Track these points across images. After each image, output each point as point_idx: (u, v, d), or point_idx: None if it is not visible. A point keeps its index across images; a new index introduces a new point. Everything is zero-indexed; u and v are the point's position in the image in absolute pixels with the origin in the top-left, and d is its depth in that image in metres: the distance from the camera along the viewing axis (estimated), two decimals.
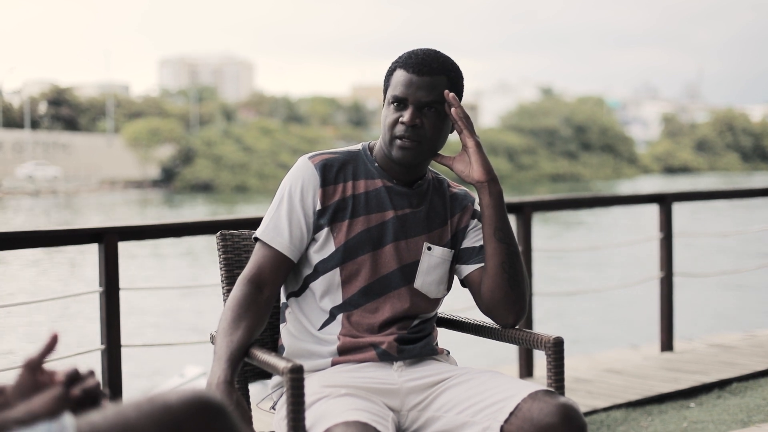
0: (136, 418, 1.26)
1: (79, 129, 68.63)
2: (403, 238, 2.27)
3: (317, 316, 2.27)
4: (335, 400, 2.05)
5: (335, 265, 2.24)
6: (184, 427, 1.28)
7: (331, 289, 2.25)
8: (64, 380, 1.31)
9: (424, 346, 2.28)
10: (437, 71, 2.23)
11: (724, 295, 16.23)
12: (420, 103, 2.21)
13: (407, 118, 2.20)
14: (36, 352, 1.33)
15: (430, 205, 2.33)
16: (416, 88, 2.21)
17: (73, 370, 1.33)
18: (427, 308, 2.32)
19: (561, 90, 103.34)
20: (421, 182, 2.33)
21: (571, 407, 2.01)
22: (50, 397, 1.27)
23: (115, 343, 3.89)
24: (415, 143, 2.22)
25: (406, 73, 2.23)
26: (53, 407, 1.26)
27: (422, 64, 2.22)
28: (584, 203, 7.06)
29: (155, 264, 22.01)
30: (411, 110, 2.21)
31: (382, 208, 2.27)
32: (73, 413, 1.26)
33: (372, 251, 2.25)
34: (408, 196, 2.30)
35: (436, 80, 2.22)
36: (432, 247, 2.30)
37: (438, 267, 2.30)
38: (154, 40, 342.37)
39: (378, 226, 2.26)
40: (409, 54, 2.26)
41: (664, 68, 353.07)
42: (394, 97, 2.23)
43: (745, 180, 71.02)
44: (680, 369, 5.14)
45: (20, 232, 3.95)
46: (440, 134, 2.25)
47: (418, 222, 2.29)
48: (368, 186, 2.28)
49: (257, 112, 78.70)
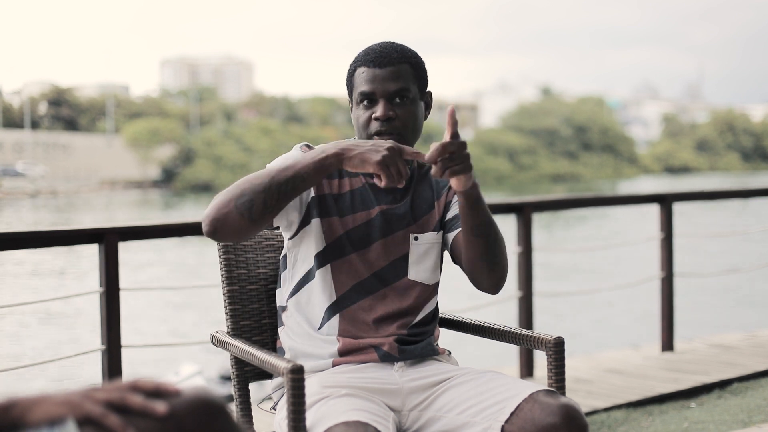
0: (137, 416, 1.26)
1: (79, 129, 68.68)
2: (390, 234, 2.27)
3: (315, 315, 2.27)
4: (336, 400, 2.04)
5: (327, 261, 2.24)
6: (186, 425, 1.28)
7: (325, 288, 2.25)
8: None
9: (425, 346, 2.28)
10: (398, 60, 2.23)
11: (724, 295, 16.23)
12: (389, 95, 2.21)
13: (380, 112, 2.20)
14: (153, 382, 1.32)
15: (415, 195, 2.32)
16: (381, 80, 2.21)
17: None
18: (428, 295, 2.31)
19: (561, 90, 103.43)
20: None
21: (572, 407, 2.01)
22: (57, 402, 1.26)
23: (115, 343, 3.89)
24: (394, 136, 2.21)
25: (368, 68, 2.23)
26: (58, 413, 1.26)
27: (382, 56, 2.22)
28: (584, 203, 7.06)
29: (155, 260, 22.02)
30: (382, 103, 2.21)
31: (367, 206, 2.27)
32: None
33: (360, 249, 2.25)
34: (391, 190, 2.30)
35: (399, 69, 2.22)
36: (418, 236, 2.29)
37: (428, 253, 2.30)
38: (154, 40, 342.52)
39: (364, 224, 2.26)
40: (366, 50, 2.26)
41: (665, 68, 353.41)
42: (361, 95, 2.23)
43: (746, 180, 70.98)
44: (681, 369, 5.14)
45: (20, 232, 3.95)
46: (415, 121, 2.25)
47: (403, 215, 2.29)
48: (352, 184, 2.28)
49: (257, 113, 78.78)
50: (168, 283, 18.89)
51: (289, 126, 73.16)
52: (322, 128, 75.07)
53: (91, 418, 1.25)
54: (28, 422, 1.25)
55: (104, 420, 1.25)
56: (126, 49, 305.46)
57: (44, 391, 1.28)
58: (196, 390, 1.32)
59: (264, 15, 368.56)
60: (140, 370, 11.51)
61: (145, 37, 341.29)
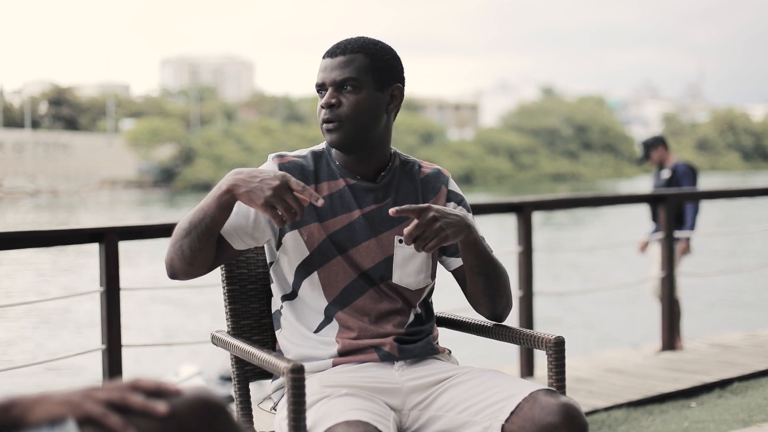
0: (138, 416, 1.26)
1: (79, 129, 68.68)
2: (374, 235, 2.25)
3: (311, 318, 2.26)
4: (336, 399, 2.04)
5: (313, 269, 2.23)
6: (186, 424, 1.28)
7: (315, 292, 2.25)
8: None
9: (425, 345, 2.28)
10: (351, 50, 2.23)
11: (725, 295, 16.24)
12: (335, 83, 2.22)
13: (324, 99, 2.22)
14: (152, 381, 1.32)
15: (397, 194, 2.30)
16: (330, 69, 2.23)
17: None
18: (413, 299, 2.30)
19: (562, 90, 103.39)
20: (384, 173, 2.30)
21: (572, 407, 2.01)
22: (57, 401, 1.26)
23: (116, 343, 3.89)
24: (336, 123, 2.21)
25: (323, 59, 2.26)
26: (58, 413, 1.26)
27: (336, 47, 2.25)
28: (584, 203, 7.06)
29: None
30: (329, 91, 2.22)
31: (348, 209, 2.25)
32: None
33: (344, 252, 2.23)
34: (372, 191, 2.28)
35: (349, 58, 2.22)
36: (403, 239, 2.27)
37: (413, 257, 2.28)
38: (154, 40, 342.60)
39: (346, 227, 2.24)
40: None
41: (665, 68, 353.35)
42: (316, 86, 2.26)
43: (746, 179, 70.99)
44: (681, 369, 5.14)
45: (20, 232, 3.95)
46: (362, 109, 2.22)
47: (386, 216, 2.26)
48: (331, 188, 2.26)
49: (258, 112, 78.76)
50: (168, 282, 18.87)
51: (290, 125, 73.13)
52: None
53: (91, 418, 1.25)
54: (29, 422, 1.24)
55: (105, 420, 1.24)
56: (126, 49, 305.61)
57: (44, 391, 1.28)
58: (197, 390, 1.32)
59: (264, 15, 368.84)
60: (140, 369, 11.52)
61: (145, 37, 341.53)
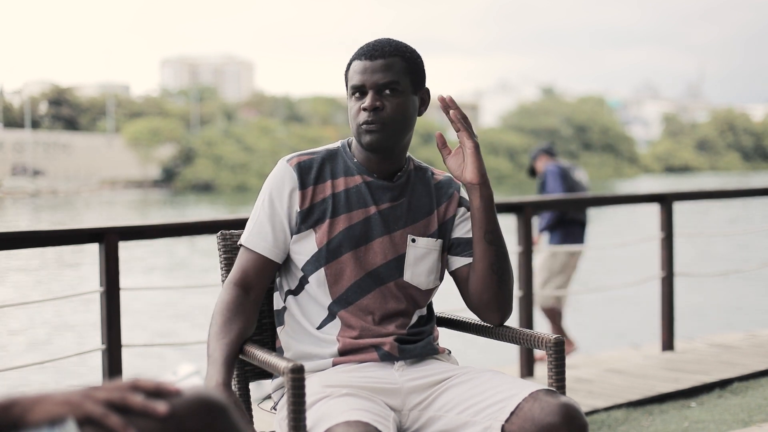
0: (138, 416, 1.26)
1: (79, 129, 68.68)
2: (387, 233, 2.27)
3: (315, 314, 2.27)
4: (336, 399, 2.04)
5: (320, 265, 2.24)
6: (187, 424, 1.28)
7: (322, 288, 2.25)
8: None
9: (425, 345, 2.28)
10: (390, 54, 2.26)
11: (724, 295, 16.23)
12: (377, 86, 2.24)
13: (368, 102, 2.23)
14: (152, 381, 1.32)
15: (412, 195, 2.33)
16: (371, 72, 2.24)
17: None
18: (421, 300, 2.32)
19: (562, 90, 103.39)
20: (401, 174, 2.33)
21: (572, 407, 2.01)
22: (57, 401, 1.26)
23: (116, 343, 3.89)
24: (379, 125, 2.23)
25: (360, 61, 2.27)
26: (58, 413, 1.26)
27: (374, 49, 2.26)
28: (584, 203, 7.06)
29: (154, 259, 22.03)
30: (370, 95, 2.24)
31: (364, 204, 2.28)
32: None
33: (356, 248, 2.25)
34: (389, 189, 2.30)
35: (390, 62, 2.25)
36: (416, 238, 2.29)
37: (425, 257, 2.30)
38: (154, 40, 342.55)
39: (360, 222, 2.27)
40: (363, 45, 2.30)
41: (665, 68, 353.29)
42: (353, 88, 2.27)
43: (746, 179, 70.99)
44: (681, 369, 5.14)
45: (20, 232, 3.95)
46: (404, 114, 2.26)
47: (400, 215, 2.30)
48: (348, 183, 2.29)
49: (258, 112, 78.78)
50: (168, 282, 18.90)
51: (290, 125, 73.16)
52: (323, 128, 75.08)
53: (91, 418, 1.25)
54: (29, 422, 1.24)
55: (105, 420, 1.24)
56: (126, 49, 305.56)
57: (44, 391, 1.28)
58: (197, 390, 1.32)
59: (264, 15, 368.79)
60: (140, 369, 11.52)
61: (145, 37, 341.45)
